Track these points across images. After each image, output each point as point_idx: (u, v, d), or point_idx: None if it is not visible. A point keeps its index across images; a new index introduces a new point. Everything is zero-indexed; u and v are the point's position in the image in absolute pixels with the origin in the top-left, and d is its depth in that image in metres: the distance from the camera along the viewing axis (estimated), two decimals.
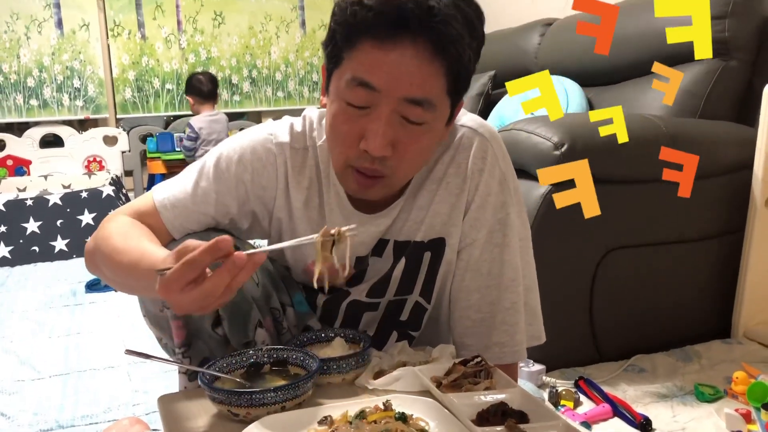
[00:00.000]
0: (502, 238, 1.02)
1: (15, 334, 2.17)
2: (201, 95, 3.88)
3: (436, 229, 1.03)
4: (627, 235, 1.72)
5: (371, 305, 1.07)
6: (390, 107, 0.85)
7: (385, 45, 0.83)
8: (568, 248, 1.66)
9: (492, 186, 1.01)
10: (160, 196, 1.01)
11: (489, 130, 1.03)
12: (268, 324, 1.02)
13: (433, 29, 0.82)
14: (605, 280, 1.70)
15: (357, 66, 0.85)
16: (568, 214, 1.60)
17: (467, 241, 1.03)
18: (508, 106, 2.56)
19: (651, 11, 2.09)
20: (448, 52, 0.84)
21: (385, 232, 1.04)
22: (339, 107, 0.89)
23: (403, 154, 0.89)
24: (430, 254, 1.04)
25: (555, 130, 1.59)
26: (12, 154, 4.00)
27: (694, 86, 1.97)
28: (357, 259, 1.06)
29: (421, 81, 0.84)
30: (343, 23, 0.85)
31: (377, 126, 0.85)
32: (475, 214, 1.02)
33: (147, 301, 1.03)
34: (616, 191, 1.68)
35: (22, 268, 3.10)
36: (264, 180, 1.02)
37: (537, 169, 1.57)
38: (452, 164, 1.02)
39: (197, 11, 4.36)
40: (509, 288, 1.03)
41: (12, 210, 3.23)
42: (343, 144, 0.90)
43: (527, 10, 3.17)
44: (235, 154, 1.01)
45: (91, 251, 1.00)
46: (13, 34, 3.96)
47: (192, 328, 0.98)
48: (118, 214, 1.02)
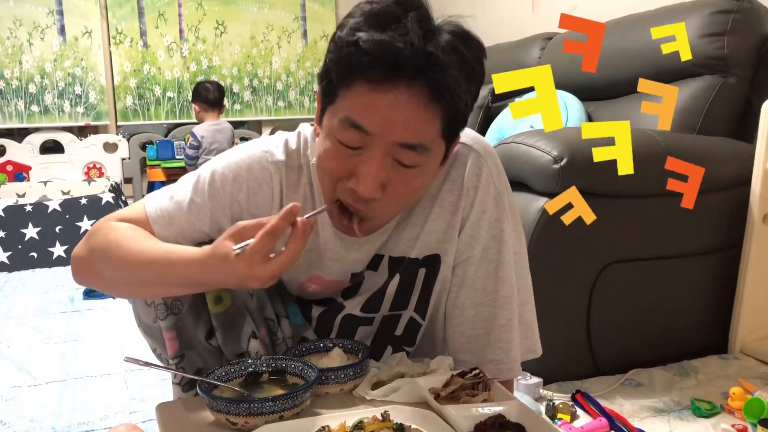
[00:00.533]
0: (497, 255, 1.02)
1: (12, 340, 2.16)
2: (207, 102, 3.88)
3: (431, 246, 1.03)
4: (625, 250, 1.73)
5: (366, 320, 1.07)
6: (383, 150, 0.84)
7: (380, 88, 0.81)
8: (567, 262, 1.66)
9: (487, 203, 1.01)
10: (153, 207, 1.01)
11: (483, 146, 1.03)
12: (263, 334, 1.02)
13: (429, 76, 0.81)
14: (603, 293, 1.71)
15: (351, 107, 0.84)
16: (566, 228, 1.62)
17: (462, 258, 1.03)
18: (507, 120, 2.57)
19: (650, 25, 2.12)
20: (444, 99, 0.82)
21: (380, 248, 1.04)
22: (331, 145, 0.88)
23: (391, 196, 0.88)
24: (425, 271, 1.04)
25: (554, 143, 1.60)
26: (12, 160, 4.00)
27: (693, 102, 1.98)
28: (353, 275, 1.06)
29: (416, 126, 0.83)
30: (339, 62, 0.83)
31: (368, 168, 0.84)
32: (471, 231, 1.01)
33: (141, 312, 1.02)
34: (615, 205, 1.68)
35: (20, 274, 3.10)
36: (259, 199, 1.01)
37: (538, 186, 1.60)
38: (447, 181, 1.01)
39: (199, 20, 4.38)
40: (504, 305, 1.03)
41: (11, 215, 3.23)
42: (332, 179, 0.90)
43: (527, 24, 3.19)
44: (231, 172, 1.00)
45: (84, 258, 0.99)
46: (16, 40, 3.97)
47: (185, 339, 0.98)
48: (110, 221, 1.00)
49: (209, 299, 0.96)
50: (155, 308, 0.98)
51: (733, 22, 1.93)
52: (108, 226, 0.98)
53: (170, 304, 0.97)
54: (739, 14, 1.93)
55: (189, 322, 0.98)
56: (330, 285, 1.08)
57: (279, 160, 1.01)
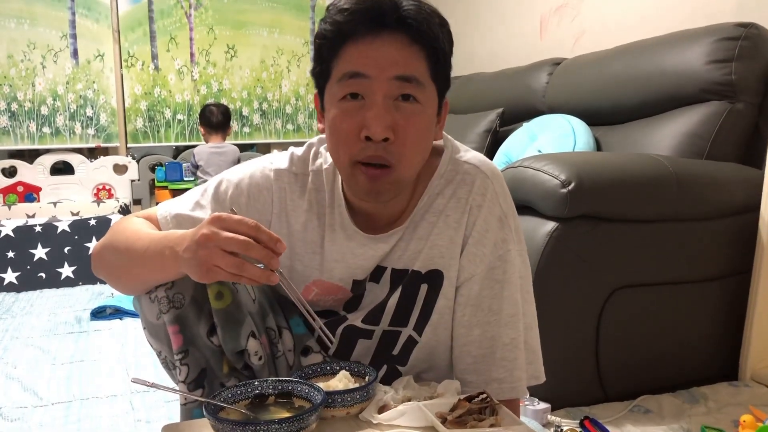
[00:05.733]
0: (503, 275, 1.03)
1: (19, 361, 2.16)
2: (210, 125, 3.97)
3: (434, 260, 1.04)
4: (633, 275, 1.72)
5: (366, 332, 1.08)
6: (383, 91, 0.91)
7: (367, 40, 0.92)
8: (574, 287, 1.65)
9: (491, 222, 1.02)
10: (163, 208, 1.10)
11: (491, 168, 1.06)
12: (264, 342, 1.04)
13: (407, 24, 0.91)
14: (611, 319, 1.70)
15: (345, 65, 0.93)
16: (574, 253, 1.63)
17: (466, 276, 1.04)
18: (515, 144, 2.58)
19: (658, 52, 2.14)
20: (423, 40, 0.92)
21: (383, 259, 1.06)
22: (337, 109, 0.95)
23: (403, 138, 0.93)
24: (427, 287, 1.05)
25: (562, 167, 1.61)
26: (23, 181, 4.02)
27: (701, 128, 1.98)
28: (354, 282, 1.08)
29: (405, 62, 0.92)
30: (328, 36, 0.94)
31: (374, 111, 0.91)
32: (473, 249, 1.03)
33: (146, 309, 1.05)
34: (623, 230, 1.68)
35: (28, 294, 3.10)
36: (259, 204, 1.08)
37: (545, 210, 1.61)
38: (453, 198, 1.04)
39: (210, 44, 4.43)
40: (509, 324, 1.03)
41: (21, 236, 3.25)
42: (347, 141, 0.95)
43: (535, 49, 3.22)
44: (235, 179, 1.09)
45: (98, 248, 1.08)
46: (30, 63, 4.02)
47: (188, 334, 1.00)
48: (129, 216, 1.11)
49: (210, 295, 0.98)
50: (158, 302, 1.01)
51: (741, 49, 1.94)
52: (124, 219, 1.10)
53: (172, 297, 1.00)
54: (746, 41, 1.94)
55: (191, 317, 1.00)
56: (331, 290, 1.09)
57: (281, 168, 1.09)
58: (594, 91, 2.42)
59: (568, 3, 3.04)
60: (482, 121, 2.93)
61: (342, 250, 1.06)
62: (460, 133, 2.92)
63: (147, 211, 1.14)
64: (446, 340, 1.07)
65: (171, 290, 1.01)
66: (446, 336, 1.07)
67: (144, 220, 1.10)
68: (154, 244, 0.96)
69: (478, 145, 2.85)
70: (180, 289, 1.00)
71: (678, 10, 2.41)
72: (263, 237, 0.83)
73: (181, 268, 0.90)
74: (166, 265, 0.94)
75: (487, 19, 3.70)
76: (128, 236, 1.04)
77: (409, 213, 1.06)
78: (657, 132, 2.10)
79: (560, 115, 2.44)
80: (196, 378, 1.01)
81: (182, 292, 1.00)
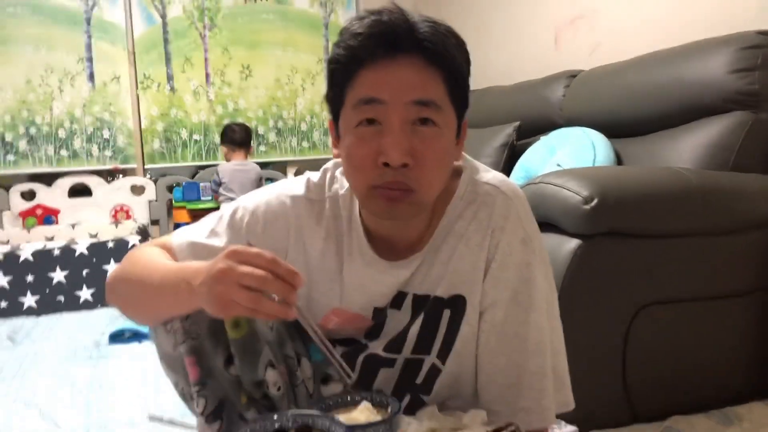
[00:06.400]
0: (528, 300, 0.99)
1: (37, 387, 2.15)
2: (233, 143, 3.99)
3: (456, 285, 1.01)
4: (660, 291, 1.68)
5: (388, 361, 1.05)
6: (400, 116, 0.89)
7: (382, 64, 0.90)
8: (600, 305, 1.61)
9: (514, 245, 0.99)
10: (179, 236, 1.09)
11: (512, 189, 1.03)
12: (282, 371, 1.02)
13: (423, 46, 0.89)
14: (638, 337, 1.65)
15: (360, 90, 0.91)
16: (599, 270, 1.59)
17: (489, 302, 1.00)
18: (533, 158, 2.54)
19: (678, 62, 2.10)
20: (440, 62, 0.91)
21: (404, 285, 1.03)
22: (353, 136, 0.93)
23: (422, 162, 0.91)
24: (449, 312, 1.02)
25: (585, 183, 1.57)
26: (42, 204, 4.05)
27: (725, 139, 1.93)
28: (375, 310, 1.05)
29: (423, 85, 0.90)
30: (341, 60, 0.92)
31: (392, 137, 0.89)
32: (496, 273, 0.99)
33: (162, 341, 1.04)
34: (648, 246, 1.64)
35: (48, 318, 3.11)
36: (275, 232, 1.06)
37: (568, 227, 1.57)
38: (474, 220, 1.01)
39: (225, 64, 4.45)
40: (536, 351, 1.00)
41: (40, 260, 3.26)
42: (363, 167, 0.92)
43: (551, 61, 3.18)
44: (251, 206, 1.08)
45: (112, 277, 1.07)
46: (47, 87, 4.05)
47: (205, 366, 0.99)
48: (145, 245, 1.11)
49: (227, 324, 0.97)
50: (174, 334, 0.99)
51: (764, 57, 1.89)
52: (139, 248, 1.09)
53: (188, 328, 0.98)
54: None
55: (208, 348, 0.99)
56: (351, 319, 1.06)
57: (297, 195, 1.07)
58: (612, 102, 2.39)
59: (584, 14, 3.01)
60: (499, 135, 2.90)
61: (361, 277, 1.04)
62: (476, 148, 2.89)
63: (162, 239, 1.12)
64: (471, 367, 1.04)
65: (187, 321, 0.99)
66: (471, 364, 1.04)
67: (159, 249, 1.09)
68: (169, 276, 0.95)
69: (495, 160, 2.82)
70: (196, 319, 0.99)
71: (697, 19, 2.37)
72: (281, 271, 0.81)
73: (196, 302, 0.88)
74: (181, 298, 0.92)
75: (500, 32, 3.67)
76: (143, 267, 1.02)
77: (428, 237, 1.03)
78: (679, 144, 2.05)
79: (579, 128, 2.41)
80: (215, 410, 0.99)
81: (198, 323, 0.99)
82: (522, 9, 3.50)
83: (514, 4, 3.56)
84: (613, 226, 1.58)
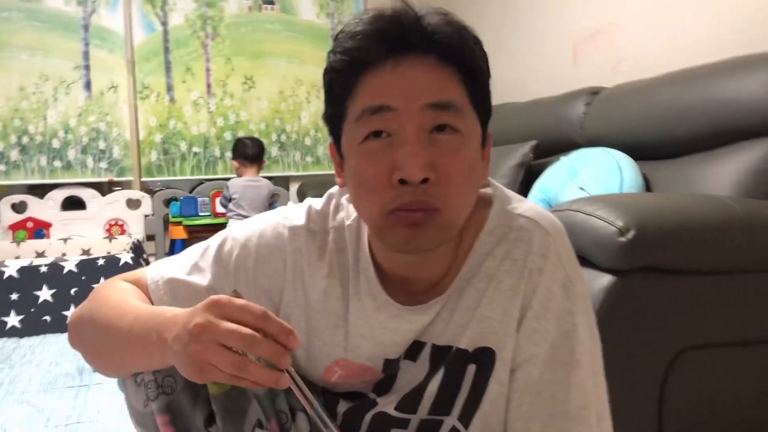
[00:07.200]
0: (569, 356, 0.84)
1: (10, 421, 1.98)
2: (245, 158, 3.84)
3: (484, 336, 0.85)
4: (702, 334, 1.51)
5: (400, 421, 0.90)
6: (414, 124, 0.75)
7: (388, 66, 0.75)
8: (635, 348, 1.45)
9: (554, 290, 0.84)
10: (155, 273, 0.94)
11: (552, 223, 0.88)
12: (273, 427, 0.88)
13: (434, 42, 0.76)
14: (677, 385, 1.48)
15: (364, 99, 0.76)
16: (635, 310, 1.42)
17: (524, 357, 0.85)
18: (552, 180, 2.38)
19: (713, 80, 1.94)
20: (456, 57, 0.77)
21: (422, 333, 0.88)
22: (358, 154, 0.78)
23: (446, 177, 0.75)
24: (475, 368, 0.86)
25: (619, 212, 1.40)
26: (33, 216, 3.92)
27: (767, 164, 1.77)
28: (386, 361, 0.90)
29: (438, 85, 0.76)
30: (339, 67, 0.78)
31: (407, 148, 0.74)
32: (533, 323, 0.84)
33: (131, 395, 0.89)
34: (689, 283, 1.48)
35: (31, 340, 2.94)
36: (269, 269, 0.91)
37: (600, 261, 1.41)
38: (506, 260, 0.85)
39: (227, 75, 4.32)
40: (578, 417, 0.84)
41: (25, 277, 3.10)
42: (375, 189, 0.76)
43: (568, 77, 3.03)
44: (242, 237, 0.93)
45: (75, 318, 0.92)
46: (41, 95, 3.93)
47: (181, 426, 0.84)
48: (115, 280, 0.95)
49: None
50: (145, 387, 0.85)
51: None
52: (108, 283, 0.93)
53: (161, 381, 0.84)
54: None
55: (185, 405, 0.85)
56: (358, 372, 0.92)
57: (297, 225, 0.92)
58: (639, 122, 2.23)
59: (604, 29, 2.86)
60: (514, 154, 2.74)
61: (370, 323, 0.88)
62: (491, 167, 2.73)
63: (136, 273, 0.97)
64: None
65: (160, 373, 0.85)
66: (499, 429, 0.88)
67: (131, 287, 0.93)
68: (139, 323, 0.79)
69: (510, 180, 2.66)
70: (171, 371, 0.83)
71: (733, 34, 2.22)
72: (272, 329, 0.67)
73: (169, 359, 0.72)
74: (151, 352, 0.77)
75: (514, 47, 3.54)
76: (109, 309, 0.87)
77: (452, 277, 0.87)
78: (715, 168, 1.89)
79: (603, 149, 2.25)
80: None
81: (174, 375, 0.84)
82: (538, 23, 3.37)
83: (530, 18, 3.43)
84: (651, 262, 1.42)
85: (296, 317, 0.91)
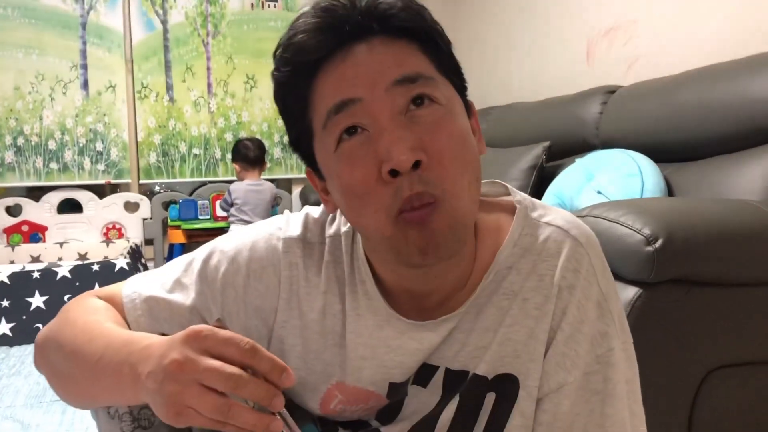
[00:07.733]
0: (604, 384, 0.74)
1: None
2: (247, 161, 3.73)
3: (505, 361, 0.76)
4: (734, 352, 1.42)
5: None
6: (386, 108, 0.67)
7: (337, 57, 0.68)
8: (663, 367, 1.36)
9: (588, 310, 0.74)
10: (131, 290, 0.84)
11: (584, 232, 0.78)
12: None
13: (381, 19, 0.69)
14: (707, 406, 1.39)
15: (323, 101, 0.69)
16: (663, 326, 1.31)
17: (552, 386, 0.75)
18: (568, 183, 2.27)
19: (740, 77, 1.83)
20: (411, 27, 0.70)
21: (432, 354, 0.78)
22: (338, 161, 0.69)
23: (438, 154, 0.67)
24: (495, 397, 0.76)
25: (646, 219, 1.30)
26: (28, 220, 3.84)
27: None
28: (391, 385, 0.80)
29: (398, 59, 0.68)
30: (286, 80, 0.72)
31: (386, 135, 0.66)
32: (563, 348, 0.74)
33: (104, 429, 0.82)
34: (722, 296, 1.38)
35: (21, 349, 2.85)
36: (261, 286, 0.81)
37: (626, 272, 1.30)
38: (532, 275, 0.75)
39: (229, 74, 4.24)
40: None
41: (17, 283, 3.00)
42: (368, 191, 0.68)
43: (582, 76, 2.93)
44: (231, 250, 0.83)
45: (42, 339, 0.82)
46: (38, 95, 3.86)
47: None
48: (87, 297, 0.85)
49: None
50: (119, 420, 0.79)
51: None
52: (78, 301, 0.84)
53: (137, 414, 0.78)
54: None
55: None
56: (360, 397, 0.82)
57: (292, 237, 0.83)
58: (660, 122, 2.12)
59: (620, 25, 2.75)
60: (526, 155, 2.63)
61: (372, 342, 0.78)
62: (500, 170, 2.63)
63: (111, 289, 0.86)
64: None
65: (136, 405, 0.76)
66: None
67: (105, 305, 0.83)
68: (110, 352, 0.69)
69: (522, 183, 2.55)
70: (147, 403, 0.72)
71: (758, 30, 2.10)
72: (262, 366, 0.58)
73: (142, 397, 0.63)
74: (123, 386, 0.67)
75: (524, 44, 3.44)
76: (78, 332, 0.76)
77: (468, 293, 0.77)
78: (743, 171, 1.79)
79: (621, 151, 2.14)
80: None
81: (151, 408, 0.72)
82: (549, 20, 3.27)
83: (542, 13, 3.33)
84: (681, 273, 1.32)
85: (291, 339, 0.82)
